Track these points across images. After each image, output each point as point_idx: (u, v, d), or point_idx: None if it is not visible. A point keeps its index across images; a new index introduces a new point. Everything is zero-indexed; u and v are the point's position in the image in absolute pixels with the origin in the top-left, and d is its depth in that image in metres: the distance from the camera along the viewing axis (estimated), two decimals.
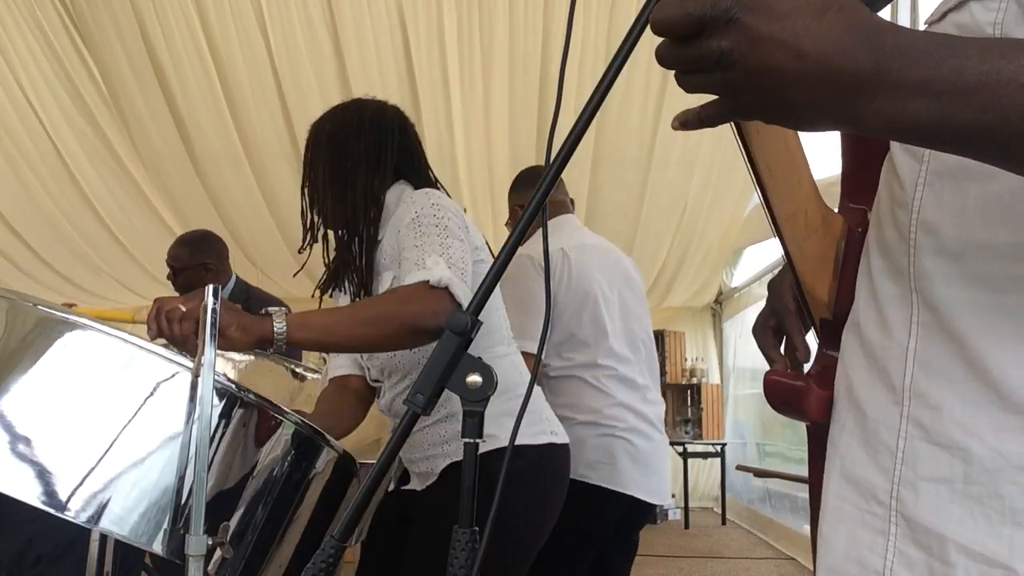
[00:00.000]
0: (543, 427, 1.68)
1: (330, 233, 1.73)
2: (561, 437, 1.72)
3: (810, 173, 0.75)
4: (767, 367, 0.87)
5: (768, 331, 0.89)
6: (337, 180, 1.66)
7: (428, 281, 1.40)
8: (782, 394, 0.81)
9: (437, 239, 1.49)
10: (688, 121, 0.57)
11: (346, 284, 1.70)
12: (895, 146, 0.70)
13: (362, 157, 1.65)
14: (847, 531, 0.68)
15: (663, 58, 0.55)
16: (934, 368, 0.63)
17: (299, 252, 1.70)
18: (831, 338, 0.77)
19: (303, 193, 1.70)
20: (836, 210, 0.81)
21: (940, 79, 0.50)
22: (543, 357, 2.21)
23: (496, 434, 1.64)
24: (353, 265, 1.66)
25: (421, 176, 1.72)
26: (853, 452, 0.69)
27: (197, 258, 3.29)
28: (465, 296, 1.41)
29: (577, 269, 2.26)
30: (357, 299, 1.68)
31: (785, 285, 0.87)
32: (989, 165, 0.54)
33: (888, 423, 0.66)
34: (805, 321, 0.86)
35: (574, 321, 2.24)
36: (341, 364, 1.86)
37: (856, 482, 0.68)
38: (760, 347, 0.90)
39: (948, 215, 0.63)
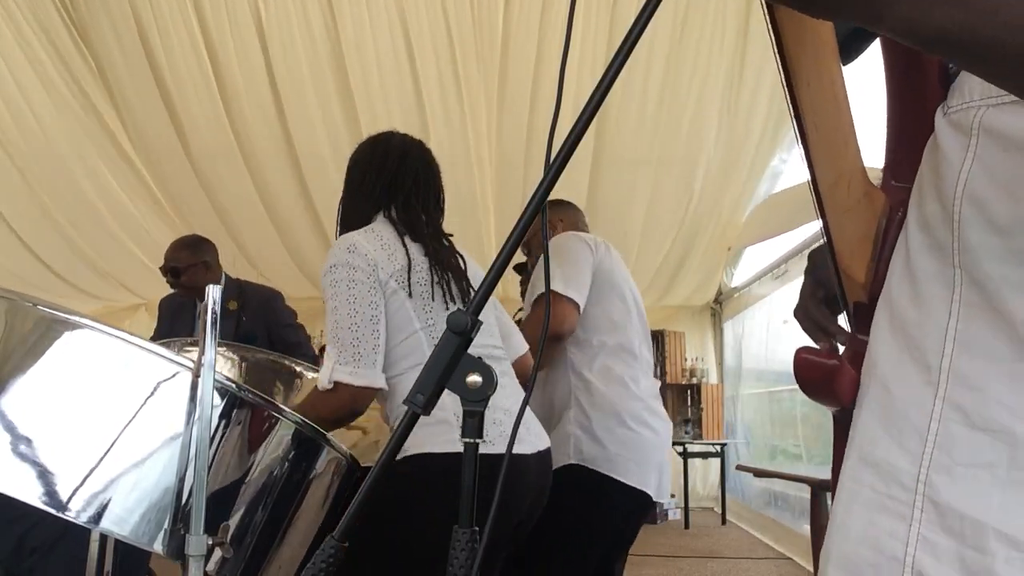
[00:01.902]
0: (454, 435, 1.61)
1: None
2: (488, 446, 1.64)
3: (857, 139, 0.72)
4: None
5: (820, 305, 0.83)
6: (346, 205, 1.89)
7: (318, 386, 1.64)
8: (813, 374, 0.76)
9: (332, 321, 1.66)
10: None
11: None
12: (940, 119, 0.67)
13: (361, 189, 1.85)
14: (863, 515, 0.65)
15: None
16: (977, 348, 0.61)
17: None
18: (865, 322, 0.73)
19: None
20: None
21: None
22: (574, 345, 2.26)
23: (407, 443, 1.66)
24: None
25: (396, 206, 1.83)
26: (874, 433, 0.66)
27: (197, 257, 3.50)
28: (358, 377, 1.61)
29: (613, 258, 2.38)
30: None
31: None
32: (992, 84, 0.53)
33: (919, 404, 0.63)
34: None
35: (610, 300, 2.31)
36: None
37: (876, 464, 0.65)
38: (812, 320, 0.83)
39: (998, 188, 0.60)
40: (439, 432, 1.61)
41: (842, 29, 0.69)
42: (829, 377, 0.74)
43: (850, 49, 0.72)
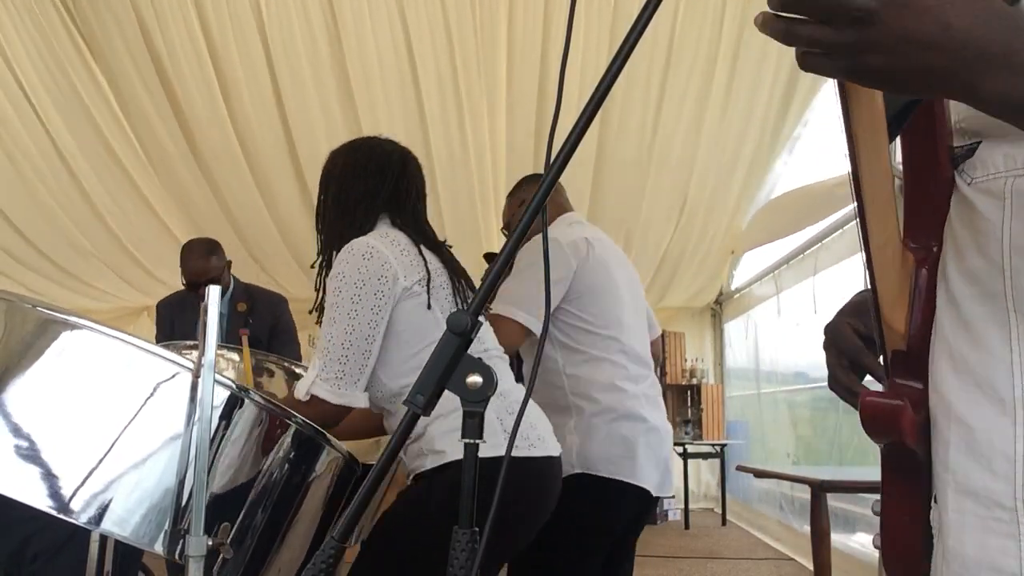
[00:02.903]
0: (492, 440, 1.59)
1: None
2: (522, 450, 1.65)
3: (896, 209, 0.82)
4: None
5: (848, 371, 0.94)
6: (334, 210, 1.81)
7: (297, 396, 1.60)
8: (879, 415, 0.84)
9: (326, 328, 1.62)
10: (774, 31, 0.58)
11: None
12: (965, 187, 0.75)
13: (361, 195, 1.78)
14: (974, 540, 0.71)
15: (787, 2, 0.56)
16: None
17: (311, 267, 1.82)
18: (903, 368, 0.82)
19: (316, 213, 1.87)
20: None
21: None
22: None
23: (444, 450, 1.63)
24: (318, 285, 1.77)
25: (405, 214, 1.79)
26: (965, 467, 0.72)
27: (222, 261, 3.53)
28: (336, 396, 1.57)
29: (600, 258, 2.28)
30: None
31: (843, 326, 0.93)
32: None
33: (1001, 433, 0.69)
34: (874, 351, 0.91)
35: (600, 304, 2.25)
36: None
37: (975, 493, 0.71)
38: (846, 387, 0.93)
39: None
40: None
41: (890, 111, 0.79)
42: (895, 416, 0.82)
43: (893, 129, 0.83)
